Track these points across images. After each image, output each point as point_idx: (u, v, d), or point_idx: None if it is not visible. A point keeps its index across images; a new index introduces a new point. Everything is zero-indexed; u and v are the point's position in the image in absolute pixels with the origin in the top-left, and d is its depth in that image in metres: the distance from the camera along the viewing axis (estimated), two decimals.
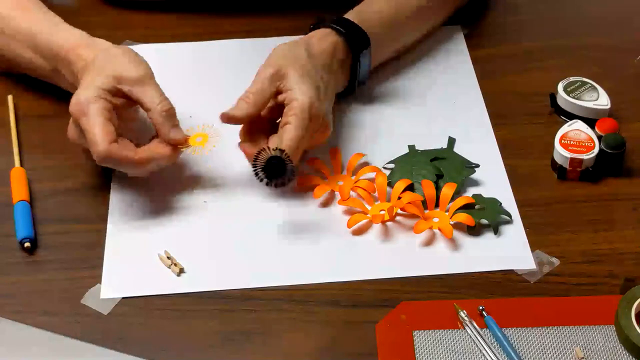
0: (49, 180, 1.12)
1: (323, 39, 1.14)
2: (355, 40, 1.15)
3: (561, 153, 1.10)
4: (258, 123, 1.10)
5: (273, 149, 1.02)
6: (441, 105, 1.21)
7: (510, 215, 1.06)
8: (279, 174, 1.02)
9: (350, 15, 1.18)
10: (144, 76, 1.07)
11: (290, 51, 1.11)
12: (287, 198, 1.09)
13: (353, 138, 1.16)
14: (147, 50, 1.28)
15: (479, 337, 0.94)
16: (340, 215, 1.07)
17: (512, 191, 1.09)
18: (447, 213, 1.06)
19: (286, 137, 1.04)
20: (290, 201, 1.09)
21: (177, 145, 1.06)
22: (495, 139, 1.16)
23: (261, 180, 1.03)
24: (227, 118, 1.07)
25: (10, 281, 1.02)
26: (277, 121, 1.09)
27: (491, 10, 1.35)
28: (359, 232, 1.05)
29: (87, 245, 1.05)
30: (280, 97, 1.08)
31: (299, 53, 1.11)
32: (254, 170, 1.03)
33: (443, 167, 1.11)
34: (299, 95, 1.06)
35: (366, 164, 1.12)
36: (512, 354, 0.93)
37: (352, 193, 1.08)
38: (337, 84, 1.16)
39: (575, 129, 1.12)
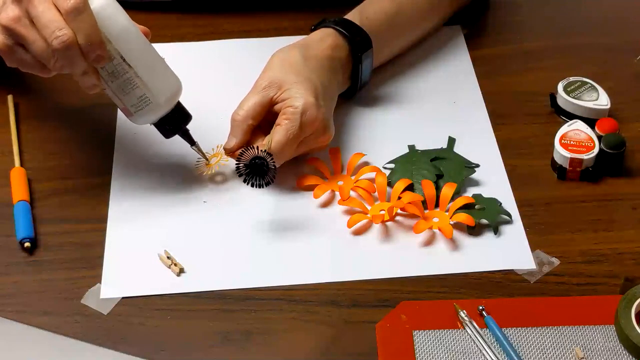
0: (49, 180, 1.12)
1: (323, 39, 1.14)
2: (357, 41, 1.15)
3: (561, 153, 1.10)
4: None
5: (261, 150, 1.03)
6: (441, 105, 1.21)
7: (510, 215, 1.06)
8: (258, 175, 1.04)
9: (352, 15, 1.18)
10: None
11: (286, 59, 1.11)
12: (287, 198, 1.09)
13: (353, 138, 1.16)
14: None
15: (479, 337, 0.94)
16: (340, 215, 1.07)
17: (512, 191, 1.09)
18: (447, 213, 1.06)
19: (274, 139, 1.05)
20: (290, 201, 1.09)
21: None
22: (495, 139, 1.16)
23: (240, 176, 1.04)
24: (227, 153, 1.09)
25: (10, 281, 1.02)
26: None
27: (491, 10, 1.35)
28: (359, 232, 1.05)
29: (87, 245, 1.05)
30: (277, 107, 1.08)
31: (295, 59, 1.11)
32: (237, 166, 1.04)
33: (443, 167, 1.11)
34: (293, 101, 1.07)
35: (366, 164, 1.12)
36: (512, 354, 0.93)
37: (352, 193, 1.08)
38: (339, 85, 1.16)
39: (575, 129, 1.12)
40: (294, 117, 1.06)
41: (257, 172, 1.04)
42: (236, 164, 1.05)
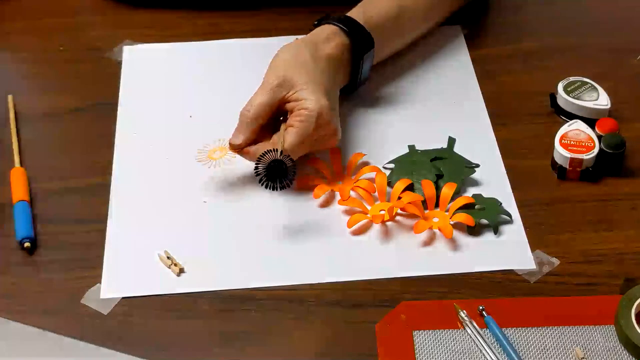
0: (49, 180, 1.12)
1: (329, 39, 1.13)
2: (361, 42, 1.15)
3: (561, 153, 1.10)
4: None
5: (279, 153, 1.02)
6: (441, 105, 1.21)
7: (510, 215, 1.06)
8: (279, 178, 1.03)
9: (355, 13, 1.17)
10: None
11: (296, 57, 1.11)
12: (287, 198, 1.09)
13: (353, 138, 1.16)
14: (148, 50, 1.29)
15: (479, 337, 0.94)
16: (340, 215, 1.07)
17: (512, 191, 1.09)
18: (447, 213, 1.06)
19: (287, 140, 1.05)
20: (290, 201, 1.09)
21: None
22: (495, 139, 1.16)
23: (260, 181, 1.03)
24: (233, 148, 1.08)
25: (10, 281, 1.02)
26: (281, 118, 1.09)
27: (491, 10, 1.35)
28: (359, 232, 1.05)
29: (87, 245, 1.05)
30: (288, 106, 1.08)
31: (305, 58, 1.10)
32: (256, 170, 1.03)
33: (443, 167, 1.11)
34: (308, 104, 1.06)
35: (366, 163, 1.12)
36: (512, 354, 0.93)
37: (352, 193, 1.08)
38: (339, 83, 1.16)
39: (575, 129, 1.12)
40: (308, 119, 1.06)
41: (276, 174, 1.03)
42: (255, 167, 1.03)
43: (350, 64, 1.16)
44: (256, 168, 1.03)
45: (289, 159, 1.03)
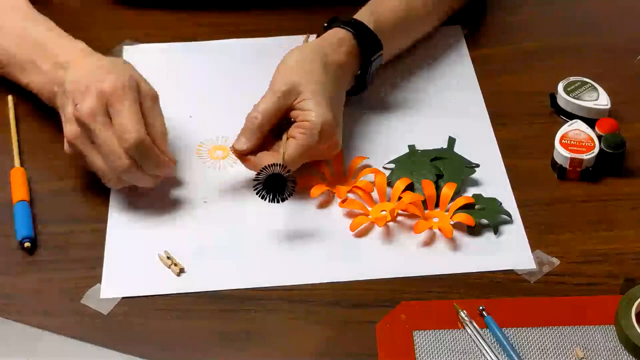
0: (49, 180, 1.12)
1: (340, 44, 1.12)
2: (370, 46, 1.14)
3: (561, 153, 1.10)
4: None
5: (280, 167, 1.01)
6: (441, 105, 1.21)
7: (510, 215, 1.06)
8: (275, 193, 1.02)
9: (363, 15, 1.16)
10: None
11: (306, 63, 1.09)
12: None
13: (353, 138, 1.16)
14: (148, 50, 1.29)
15: (479, 337, 0.94)
16: (340, 215, 1.07)
17: (512, 191, 1.09)
18: (447, 213, 1.06)
19: (288, 152, 1.04)
20: (290, 201, 1.08)
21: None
22: (495, 139, 1.16)
23: (254, 187, 1.02)
24: (237, 153, 1.07)
25: (10, 281, 1.02)
26: (285, 121, 1.09)
27: (491, 10, 1.35)
28: (359, 232, 1.05)
29: (87, 245, 1.05)
30: (293, 114, 1.07)
31: (315, 65, 1.09)
32: (256, 179, 1.02)
33: (443, 167, 1.11)
34: (313, 117, 1.05)
35: (367, 166, 1.12)
36: (512, 354, 0.93)
37: (351, 195, 1.08)
38: (347, 87, 1.15)
39: (575, 129, 1.12)
40: (310, 132, 1.05)
41: (274, 188, 1.02)
42: (255, 177, 1.02)
43: (357, 68, 1.15)
44: (256, 179, 1.02)
45: (292, 181, 1.02)
